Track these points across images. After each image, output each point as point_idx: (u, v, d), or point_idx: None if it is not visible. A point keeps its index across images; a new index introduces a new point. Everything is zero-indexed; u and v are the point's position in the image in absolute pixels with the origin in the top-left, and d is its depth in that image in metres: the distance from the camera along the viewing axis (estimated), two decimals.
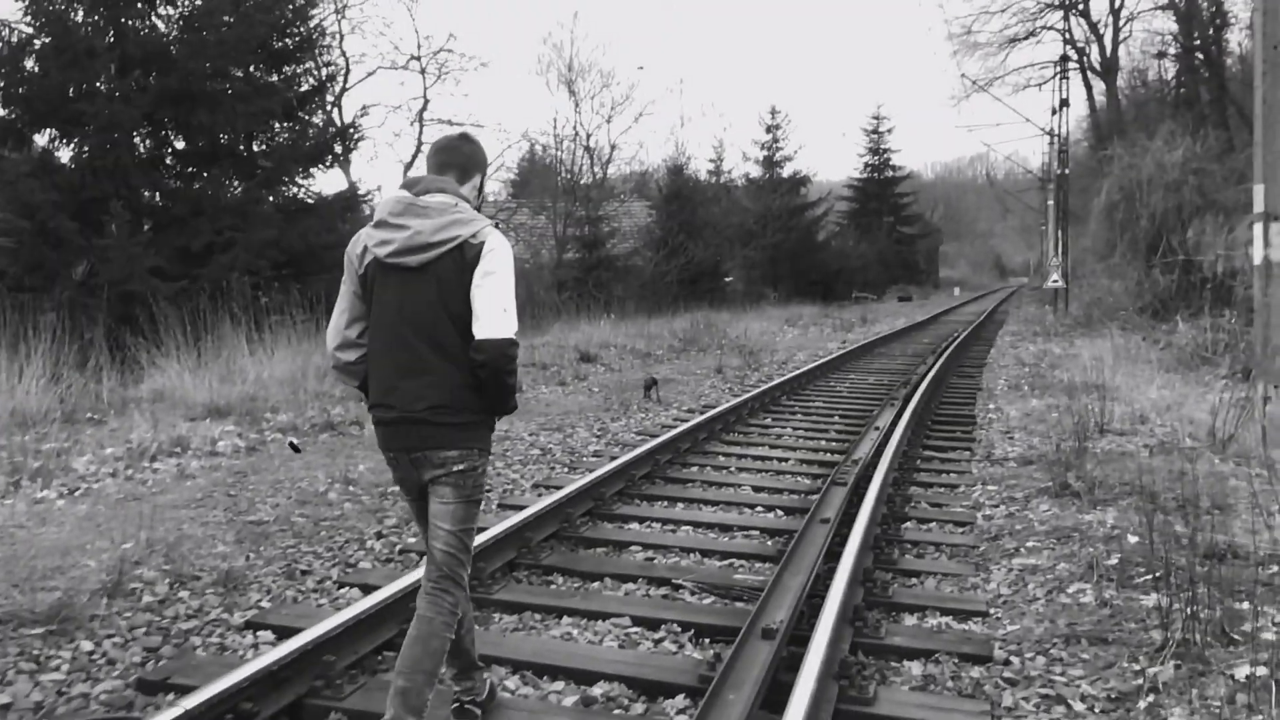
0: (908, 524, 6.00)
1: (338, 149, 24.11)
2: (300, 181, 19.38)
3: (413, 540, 5.37)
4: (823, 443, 8.94)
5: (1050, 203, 38.81)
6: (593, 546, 5.47)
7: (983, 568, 5.04)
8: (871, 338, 21.69)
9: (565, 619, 4.35)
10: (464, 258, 2.86)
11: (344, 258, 3.05)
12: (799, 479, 7.34)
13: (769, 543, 5.61)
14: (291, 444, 7.23)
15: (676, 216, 38.56)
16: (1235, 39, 46.46)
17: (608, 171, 42.58)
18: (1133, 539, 4.91)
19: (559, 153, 38.49)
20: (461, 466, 2.94)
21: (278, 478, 6.57)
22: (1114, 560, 4.69)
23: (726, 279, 40.96)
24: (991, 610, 4.37)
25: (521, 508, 5.92)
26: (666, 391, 12.03)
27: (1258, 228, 7.84)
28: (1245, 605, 3.91)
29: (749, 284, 42.32)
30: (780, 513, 6.29)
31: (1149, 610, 4.05)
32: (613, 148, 43.75)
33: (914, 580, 4.91)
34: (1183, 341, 17.59)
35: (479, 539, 4.75)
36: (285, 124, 18.78)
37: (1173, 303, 21.67)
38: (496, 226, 3.00)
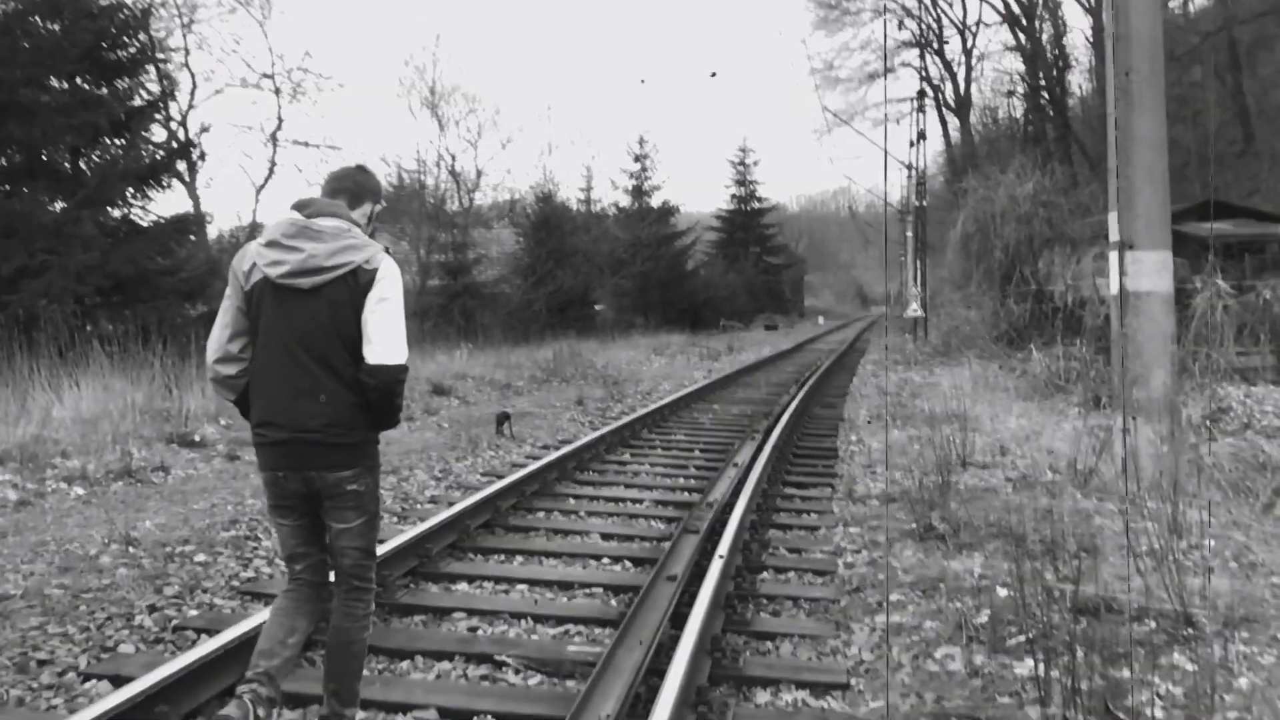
0: (764, 575, 5.51)
1: (177, 167, 22.65)
2: (134, 202, 18.01)
3: (194, 613, 4.57)
4: (681, 480, 8.43)
5: (909, 234, 39.83)
6: (410, 614, 4.76)
7: (844, 626, 4.57)
8: (737, 367, 21.50)
9: (358, 714, 3.63)
10: (357, 283, 2.92)
11: (229, 272, 3.07)
12: (653, 523, 6.78)
13: (613, 602, 5.02)
14: None
15: (545, 244, 38.00)
16: (1076, 80, 49.14)
17: (475, 198, 41.79)
18: (1002, 592, 4.53)
19: (423, 177, 37.52)
20: (356, 486, 3.02)
21: (44, 538, 5.62)
22: (983, 618, 4.28)
23: (596, 307, 40.59)
24: (853, 680, 3.88)
25: None
26: (522, 426, 11.36)
27: (1113, 256, 7.75)
28: (1126, 673, 3.52)
29: (619, 312, 42.05)
30: (629, 565, 5.71)
31: (1024, 680, 3.62)
32: (479, 173, 42.98)
33: (768, 645, 4.39)
34: (1037, 370, 17.93)
35: (254, 619, 4.03)
36: (115, 140, 17.39)
37: (1027, 331, 22.22)
38: (388, 252, 3.05)
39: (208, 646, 3.77)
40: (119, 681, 3.71)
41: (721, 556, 5.01)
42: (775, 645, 4.38)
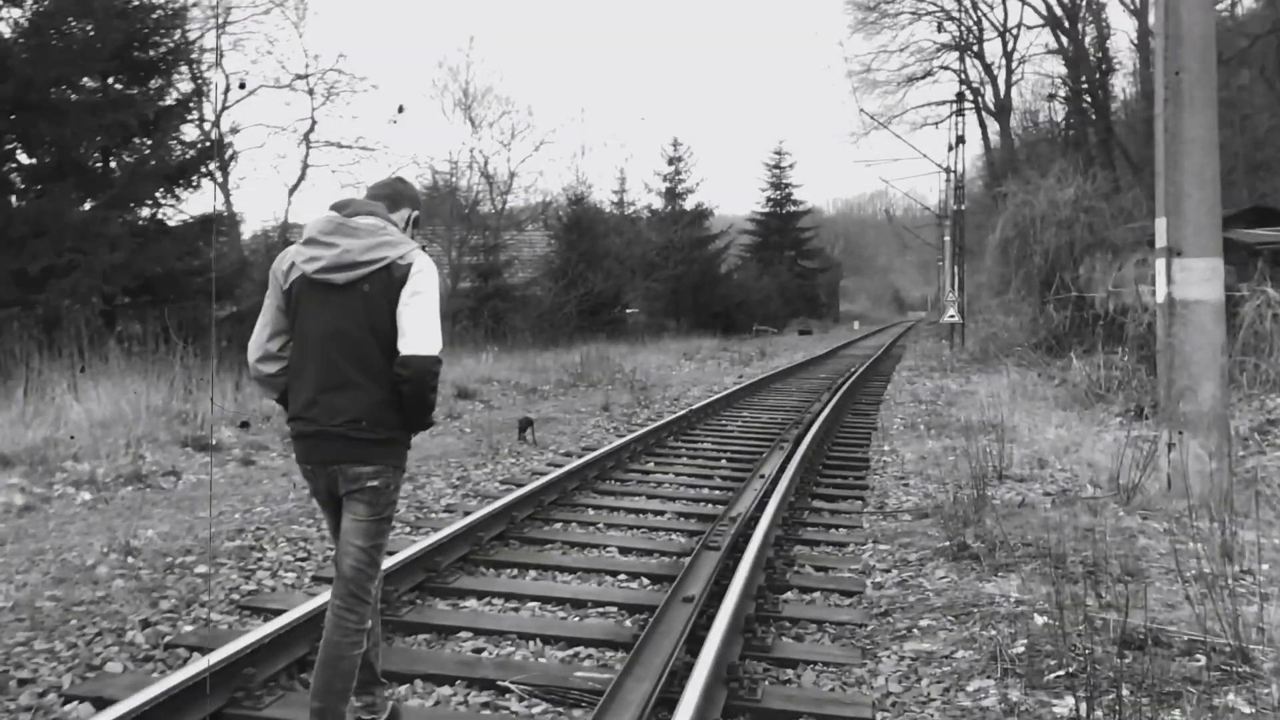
0: (787, 595, 5.24)
1: (205, 168, 22.73)
2: (163, 202, 18.04)
3: (189, 629, 4.38)
4: (705, 491, 8.17)
5: (946, 238, 39.28)
6: (414, 633, 4.55)
7: (870, 653, 4.29)
8: (769, 372, 21.18)
9: None
10: (391, 277, 2.95)
11: (271, 272, 3.13)
12: (674, 537, 6.54)
13: (627, 623, 4.77)
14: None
15: (577, 246, 37.86)
16: (1120, 84, 48.30)
17: (507, 200, 41.79)
18: (1040, 619, 4.23)
19: (455, 179, 37.52)
20: (376, 483, 3.01)
21: (43, 546, 5.48)
22: (1019, 648, 3.98)
23: (627, 310, 40.37)
24: (878, 716, 3.61)
25: None
26: (545, 432, 11.15)
27: (1159, 263, 7.39)
28: (1177, 716, 3.22)
29: (650, 316, 41.82)
30: (646, 582, 5.46)
31: None
32: (512, 175, 42.94)
33: (789, 674, 4.12)
34: (1077, 378, 17.48)
35: (252, 635, 3.84)
36: (144, 140, 17.41)
37: (1066, 339, 21.71)
38: (423, 249, 3.09)
39: (197, 666, 3.57)
40: (101, 704, 3.52)
41: (742, 576, 4.75)
42: (796, 674, 4.11)
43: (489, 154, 45.09)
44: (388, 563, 5.02)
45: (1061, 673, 3.62)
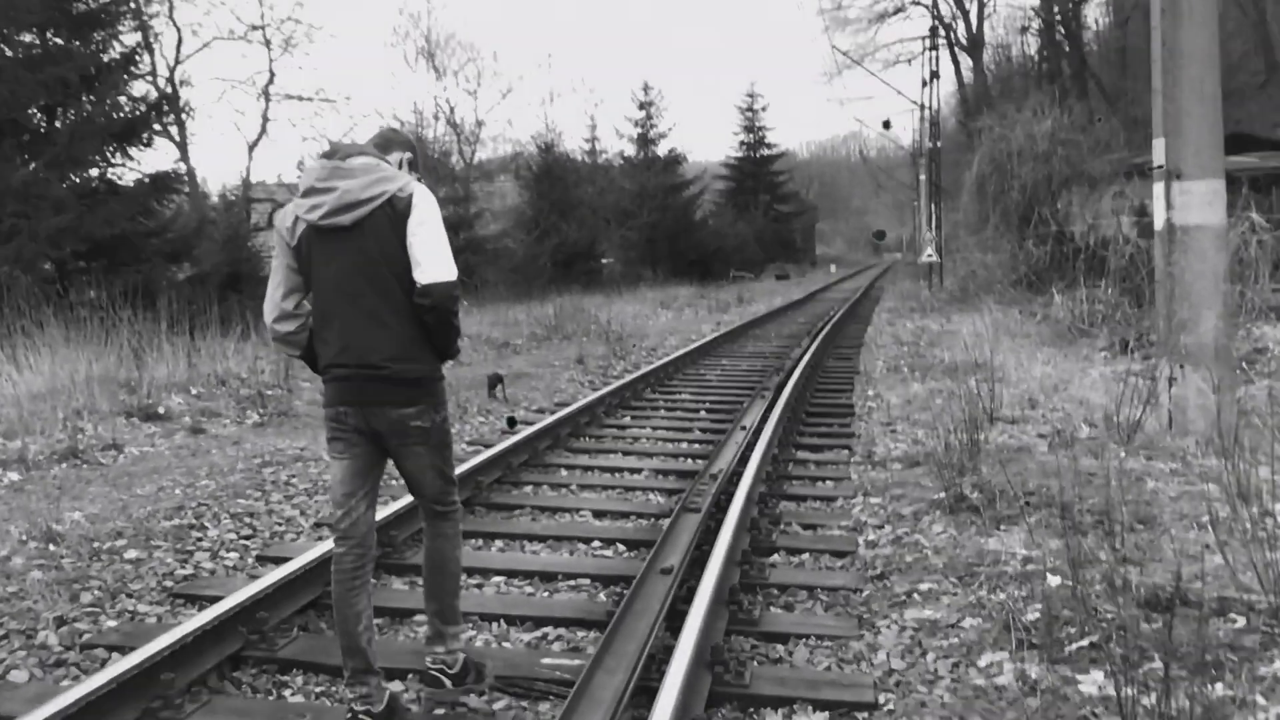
0: (774, 558, 4.85)
1: (162, 124, 21.84)
2: (114, 161, 17.28)
3: (111, 625, 3.94)
4: (684, 445, 7.77)
5: (922, 177, 38.79)
6: None
7: (868, 624, 3.91)
8: (747, 319, 20.77)
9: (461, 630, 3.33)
10: (395, 211, 2.97)
11: (275, 232, 3.13)
12: (651, 497, 6.13)
13: (601, 596, 4.37)
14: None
15: (548, 196, 37.11)
16: (1092, 15, 47.63)
17: (476, 150, 40.89)
18: (1053, 580, 3.84)
19: (421, 129, 36.58)
20: (420, 423, 3.07)
21: None
22: (1034, 614, 3.60)
23: (603, 260, 39.75)
24: (881, 699, 3.22)
25: (284, 560, 4.55)
26: (517, 388, 10.70)
27: (1158, 187, 6.96)
28: (1222, 690, 2.84)
29: (626, 265, 41.18)
30: (622, 549, 5.06)
31: (1094, 701, 2.95)
32: (480, 124, 42.07)
33: (779, 650, 3.73)
34: (1060, 314, 17.18)
35: (181, 630, 3.46)
36: (88, 96, 16.59)
37: (1047, 274, 21.37)
38: (420, 181, 3.12)
39: (113, 671, 3.14)
40: None
41: (725, 542, 4.34)
42: (788, 650, 3.72)
43: (455, 103, 43.92)
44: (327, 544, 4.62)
45: (1084, 643, 3.24)
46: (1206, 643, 3.07)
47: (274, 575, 4.08)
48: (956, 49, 49.22)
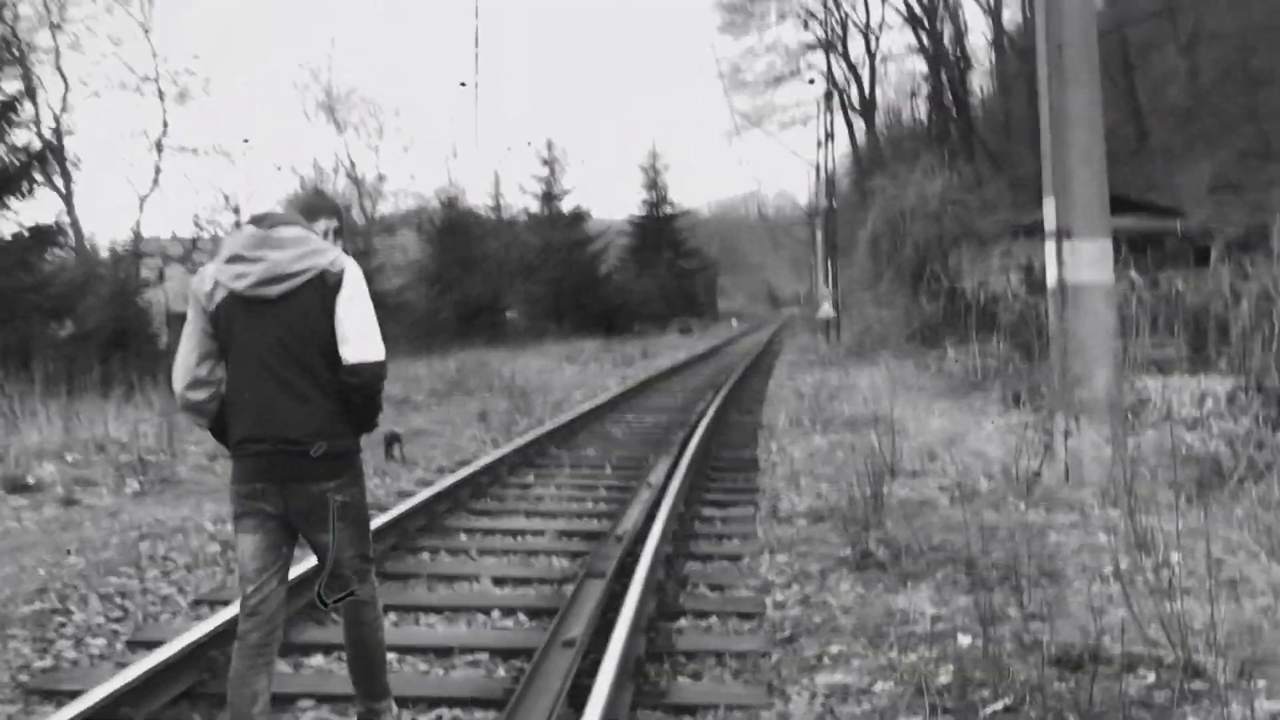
0: (682, 622, 4.70)
1: (46, 175, 20.97)
2: None
3: None
4: (589, 505, 7.59)
5: (819, 234, 39.76)
6: None
7: (778, 690, 3.78)
8: (652, 372, 20.77)
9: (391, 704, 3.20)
10: (325, 285, 2.92)
11: (189, 295, 3.06)
12: (555, 561, 5.92)
13: (500, 672, 4.15)
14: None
15: (452, 250, 36.83)
16: (978, 82, 49.92)
17: (378, 205, 40.39)
18: (964, 639, 3.79)
19: (321, 183, 35.98)
20: (342, 497, 3.02)
21: None
22: (945, 676, 3.52)
23: (507, 314, 39.51)
24: None
25: (157, 644, 4.20)
26: (416, 446, 10.38)
27: (1049, 246, 7.17)
28: None
29: (531, 319, 41.03)
30: (524, 619, 4.84)
31: None
32: (381, 178, 41.62)
33: None
34: (953, 368, 17.64)
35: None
36: None
37: (940, 329, 21.95)
38: (347, 253, 3.08)
39: None
40: None
41: (631, 608, 4.18)
42: None
43: (356, 157, 43.32)
44: (212, 623, 4.31)
45: (999, 706, 3.17)
46: (1115, 699, 3.03)
47: (144, 664, 3.75)
48: (850, 112, 51.01)
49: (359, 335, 2.95)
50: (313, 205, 3.28)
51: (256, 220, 3.06)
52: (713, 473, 8.76)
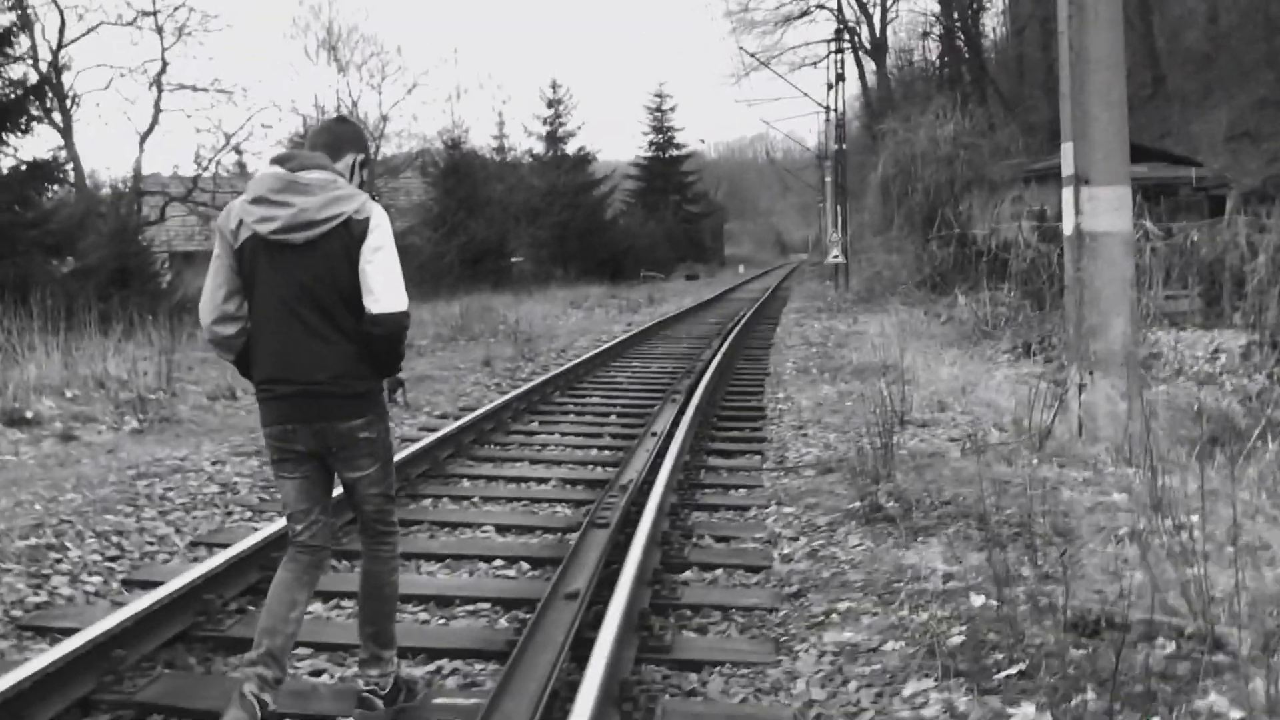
0: (687, 574, 4.62)
1: (45, 110, 20.66)
2: None
3: None
4: (594, 453, 7.51)
5: (828, 179, 39.23)
6: (236, 650, 3.74)
7: (785, 647, 3.70)
8: (658, 319, 20.60)
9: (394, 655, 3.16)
10: (350, 234, 2.92)
11: (215, 231, 3.07)
12: (558, 509, 5.84)
13: (502, 622, 4.07)
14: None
15: (455, 193, 36.42)
16: (990, 23, 48.95)
17: (380, 146, 39.86)
18: (976, 600, 3.69)
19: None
20: (368, 434, 3.06)
21: None
22: (958, 636, 3.43)
23: (513, 259, 39.21)
24: None
25: (153, 585, 4.13)
26: (420, 392, 10.28)
27: (1066, 192, 6.96)
28: None
29: (537, 264, 40.71)
30: (526, 567, 4.77)
31: None
32: (384, 119, 40.97)
33: (693, 680, 3.49)
34: (963, 316, 17.45)
35: (30, 668, 3.09)
36: None
37: (950, 276, 21.72)
38: (375, 199, 3.05)
39: None
40: None
41: (635, 560, 4.09)
42: (702, 681, 3.48)
43: (358, 97, 42.58)
44: (228, 553, 4.26)
45: (1013, 671, 3.08)
46: (1134, 670, 2.93)
47: (139, 604, 3.68)
48: (861, 53, 50.02)
49: (383, 286, 2.93)
50: (338, 138, 3.18)
51: (282, 160, 3.03)
52: (719, 421, 8.65)
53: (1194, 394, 10.24)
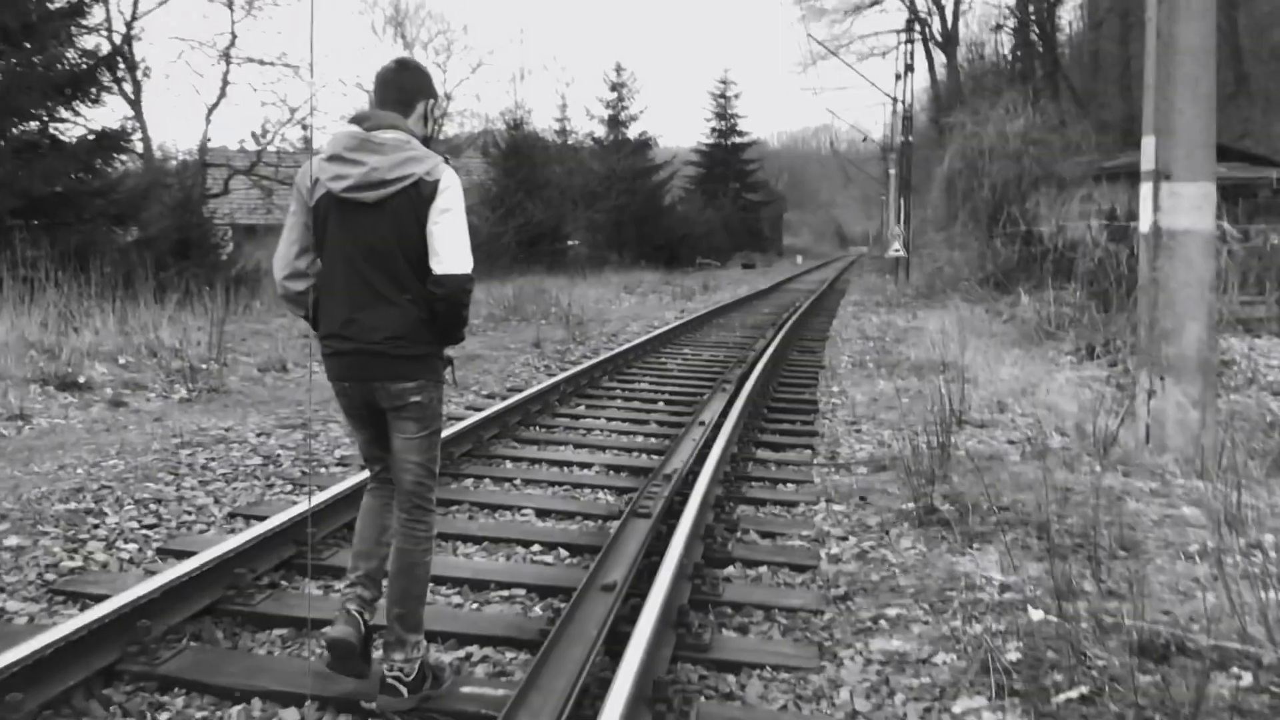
0: (730, 569, 4.46)
1: (114, 80, 20.97)
2: (59, 115, 16.44)
3: None
4: (639, 439, 7.36)
5: (892, 171, 38.60)
6: (268, 627, 3.67)
7: (829, 652, 3.52)
8: (712, 307, 20.39)
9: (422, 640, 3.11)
10: (420, 194, 2.92)
11: (293, 188, 3.11)
12: (600, 496, 5.71)
13: (536, 609, 3.95)
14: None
15: (515, 174, 36.47)
16: (1066, 17, 47.67)
17: (443, 124, 40.05)
18: (1035, 614, 3.48)
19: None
20: (419, 398, 3.07)
21: None
22: (1015, 653, 3.23)
23: (569, 242, 39.19)
24: None
25: (187, 554, 4.08)
26: (469, 371, 10.23)
27: (1145, 188, 6.63)
28: None
29: (593, 248, 40.65)
30: (564, 554, 4.64)
31: None
32: (448, 97, 41.15)
33: (730, 682, 3.33)
34: (1026, 315, 16.99)
35: (56, 632, 3.04)
36: (29, 45, 15.73)
37: (1014, 274, 21.20)
38: (447, 162, 3.04)
39: None
40: None
41: (676, 553, 3.94)
42: (739, 683, 3.32)
43: None
44: (264, 526, 4.19)
45: (1074, 694, 2.87)
46: (1208, 702, 2.71)
47: (169, 573, 3.62)
48: (931, 44, 49.07)
49: (448, 248, 2.94)
50: (405, 89, 3.14)
51: (358, 119, 3.05)
52: (769, 413, 8.45)
53: (1267, 405, 9.81)
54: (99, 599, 3.57)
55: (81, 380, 7.77)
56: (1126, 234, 16.34)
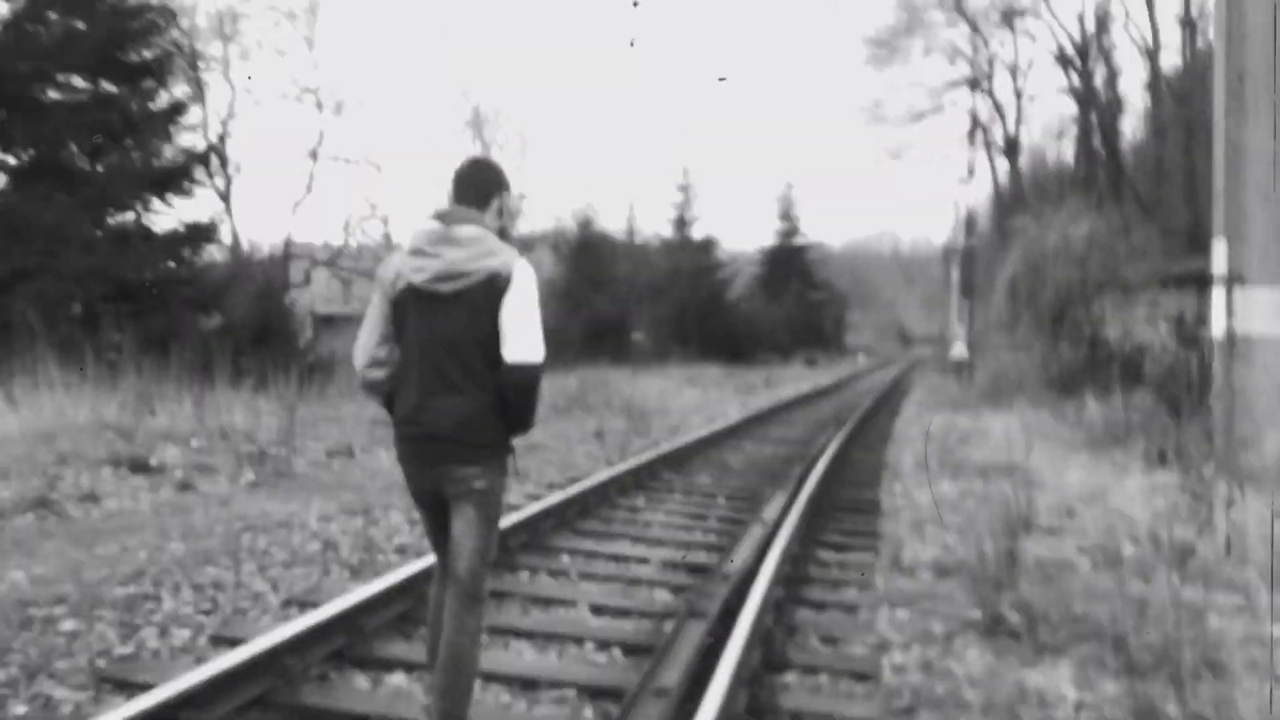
0: (788, 677, 4.32)
1: (206, 175, 21.98)
2: (155, 208, 17.26)
3: (21, 709, 3.48)
4: (699, 535, 7.26)
5: (954, 272, 38.50)
6: (310, 719, 3.63)
7: None
8: (774, 402, 20.30)
9: None
10: (494, 287, 3.04)
11: (377, 281, 3.25)
12: (657, 593, 5.62)
13: (587, 712, 3.86)
14: None
15: (584, 269, 37.19)
16: (1130, 125, 47.66)
17: (517, 221, 41.08)
18: None
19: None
20: (481, 484, 3.15)
21: None
22: None
23: (634, 335, 39.60)
24: None
25: (238, 642, 4.09)
26: (530, 460, 10.25)
27: (1217, 293, 6.52)
28: None
29: (656, 341, 41.02)
30: (618, 654, 4.55)
31: None
32: (521, 196, 42.27)
33: None
34: (1093, 419, 16.60)
35: None
36: (129, 142, 16.61)
37: (1079, 378, 20.80)
38: (522, 256, 3.14)
39: None
40: None
41: (733, 658, 3.84)
42: None
43: None
44: (316, 616, 4.19)
45: None
46: None
47: (215, 665, 3.61)
48: (993, 150, 49.38)
49: (520, 336, 3.04)
50: (484, 184, 3.29)
51: (440, 216, 3.18)
52: (831, 512, 8.31)
53: None
54: (146, 687, 3.56)
55: (153, 462, 7.95)
56: (1196, 339, 16.00)
